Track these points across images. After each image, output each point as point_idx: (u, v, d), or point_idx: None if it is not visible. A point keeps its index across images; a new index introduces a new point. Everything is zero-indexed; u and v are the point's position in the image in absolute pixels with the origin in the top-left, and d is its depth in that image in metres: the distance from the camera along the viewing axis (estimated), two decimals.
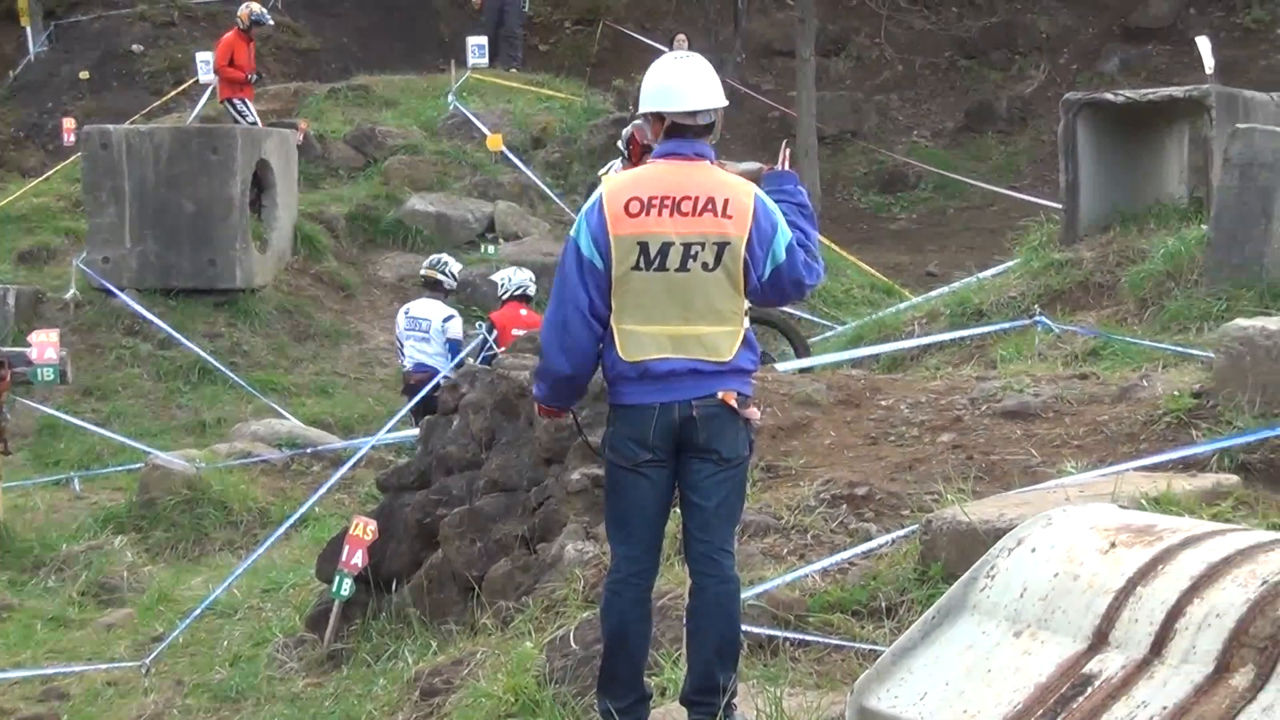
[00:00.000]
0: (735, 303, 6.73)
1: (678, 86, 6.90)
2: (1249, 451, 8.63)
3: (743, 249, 6.66)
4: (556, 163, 27.06)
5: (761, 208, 6.75)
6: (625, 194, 6.75)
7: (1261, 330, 9.12)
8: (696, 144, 6.88)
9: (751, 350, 6.86)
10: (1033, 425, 9.82)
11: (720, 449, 6.70)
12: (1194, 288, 13.41)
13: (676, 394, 6.65)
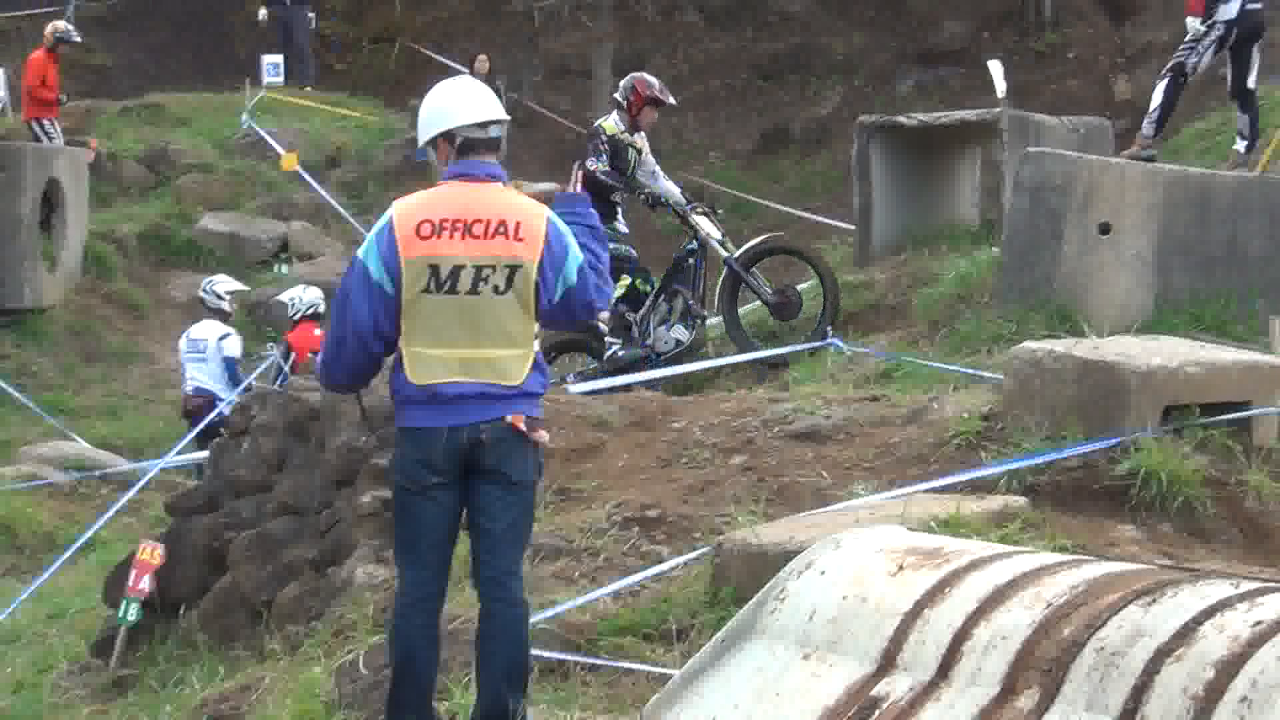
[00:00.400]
0: (526, 326, 6.76)
1: (463, 102, 6.92)
2: (1037, 473, 8.75)
3: (534, 272, 6.68)
4: (352, 183, 26.93)
5: (553, 231, 6.77)
6: (416, 216, 6.73)
7: (1050, 353, 9.26)
8: (487, 165, 6.89)
9: (541, 373, 6.88)
10: (824, 447, 9.88)
11: (509, 472, 6.71)
12: (985, 310, 13.59)
13: (465, 417, 6.65)
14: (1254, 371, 9.46)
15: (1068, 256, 13.21)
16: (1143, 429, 8.78)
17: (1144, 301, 12.98)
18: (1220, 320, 12.69)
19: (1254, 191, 13.11)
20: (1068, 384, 9.10)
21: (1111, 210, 13.17)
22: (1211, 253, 13.02)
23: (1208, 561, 8.02)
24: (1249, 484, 8.85)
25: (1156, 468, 8.53)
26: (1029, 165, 13.59)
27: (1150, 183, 13.22)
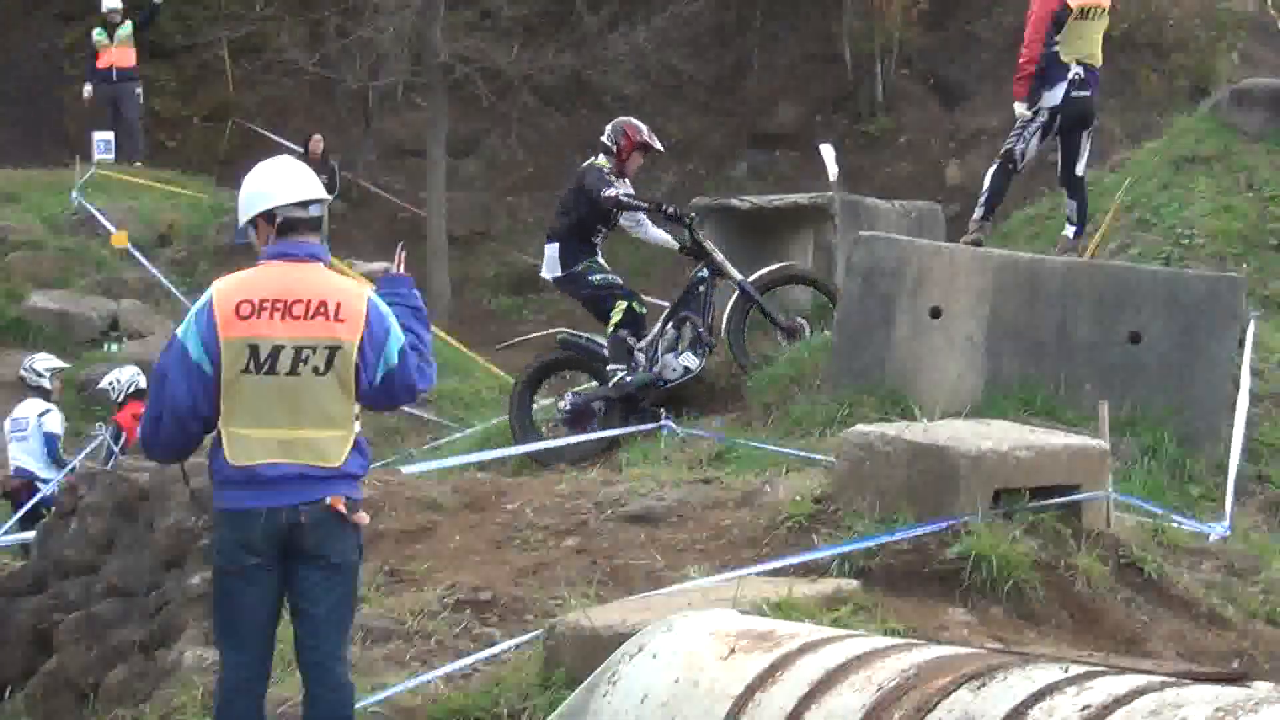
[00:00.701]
0: (346, 407, 6.76)
1: (283, 181, 6.94)
2: (868, 556, 8.80)
3: (354, 353, 6.70)
4: (183, 260, 26.65)
5: (374, 312, 6.80)
6: (236, 296, 6.72)
7: (881, 436, 9.34)
8: (308, 245, 6.91)
9: (362, 455, 6.87)
10: (657, 530, 9.88)
11: (329, 555, 6.69)
12: (817, 393, 13.67)
13: (284, 499, 6.61)
14: (1083, 456, 9.59)
15: (899, 340, 13.35)
16: (973, 513, 8.87)
17: (975, 385, 13.13)
18: (1050, 404, 12.85)
19: (1083, 277, 13.32)
20: (899, 467, 9.18)
21: (942, 294, 13.33)
22: (1041, 337, 13.20)
23: (1037, 645, 8.10)
24: (1078, 568, 8.96)
25: (987, 551, 8.62)
26: (861, 249, 13.74)
27: (980, 267, 13.40)
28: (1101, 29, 14.74)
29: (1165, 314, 13.06)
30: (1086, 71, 14.62)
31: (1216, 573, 10.13)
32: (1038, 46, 14.50)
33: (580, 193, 14.76)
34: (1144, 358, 13.01)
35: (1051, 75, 14.50)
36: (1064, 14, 14.41)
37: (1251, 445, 13.08)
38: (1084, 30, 14.55)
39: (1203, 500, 12.26)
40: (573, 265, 14.74)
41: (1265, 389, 13.84)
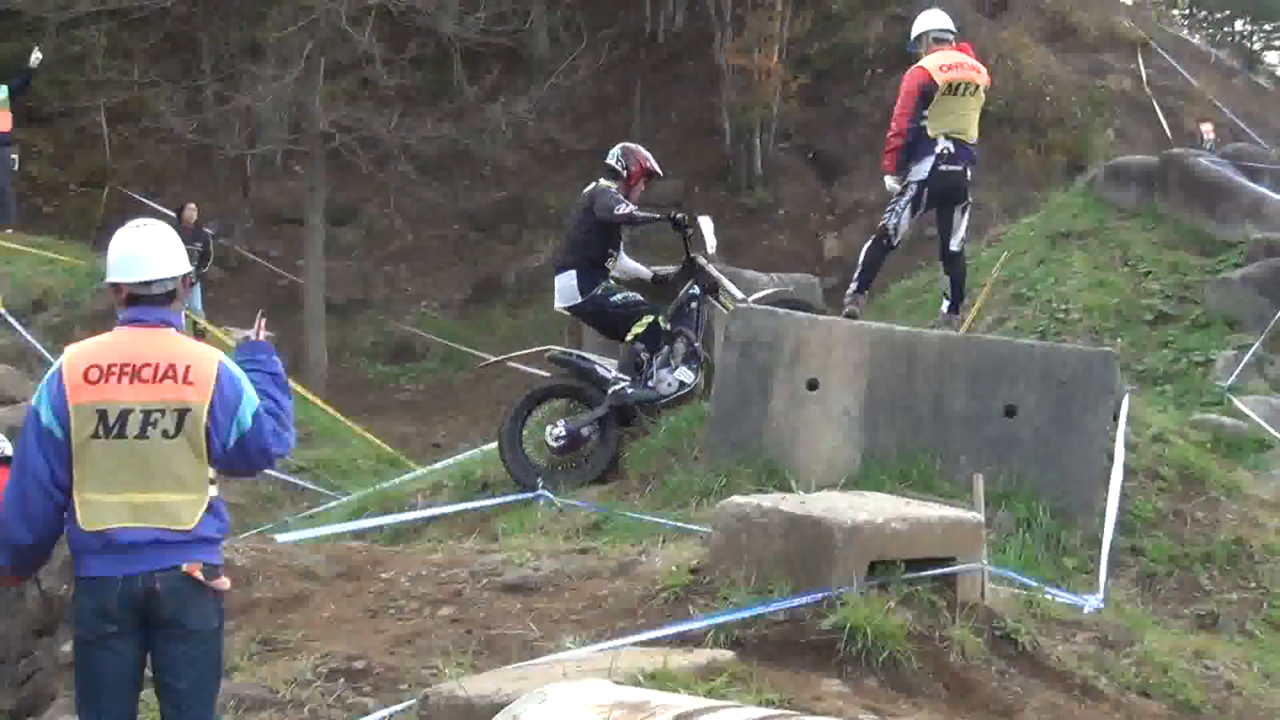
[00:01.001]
0: (198, 470, 6.72)
1: (133, 257, 6.94)
2: (744, 627, 8.80)
3: (204, 416, 6.69)
4: (58, 326, 26.29)
5: (225, 375, 6.80)
6: (85, 362, 6.73)
7: (757, 507, 9.35)
8: (159, 311, 6.89)
9: (218, 518, 6.82)
10: (532, 599, 9.86)
11: (187, 623, 6.64)
12: (694, 464, 13.69)
13: (140, 565, 6.57)
14: (958, 528, 9.65)
15: (776, 412, 13.39)
16: (849, 584, 8.89)
17: (851, 457, 13.18)
18: (926, 477, 12.92)
19: (959, 350, 13.42)
20: (775, 538, 9.18)
21: (820, 366, 13.40)
22: (918, 410, 13.28)
23: (912, 716, 8.13)
24: (953, 639, 9.00)
25: (862, 622, 8.64)
26: (738, 321, 13.79)
27: (857, 340, 13.48)
28: (974, 105, 14.79)
29: (1040, 388, 13.18)
30: (957, 147, 14.65)
31: (1090, 645, 10.21)
32: (904, 120, 14.66)
33: (590, 215, 14.84)
34: (1019, 431, 13.12)
35: (919, 149, 14.62)
36: (931, 89, 14.56)
37: (1125, 518, 13.22)
38: (953, 105, 14.66)
39: (1077, 572, 12.37)
40: (591, 290, 14.78)
41: (1139, 463, 14.00)
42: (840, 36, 40.20)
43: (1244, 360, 21.09)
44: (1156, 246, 24.36)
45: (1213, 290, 22.88)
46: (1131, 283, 23.26)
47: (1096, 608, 11.29)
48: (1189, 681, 10.14)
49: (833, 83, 39.23)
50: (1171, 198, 25.47)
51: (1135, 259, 24.03)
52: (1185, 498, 13.90)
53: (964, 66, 14.74)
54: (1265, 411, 19.61)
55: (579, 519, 13.06)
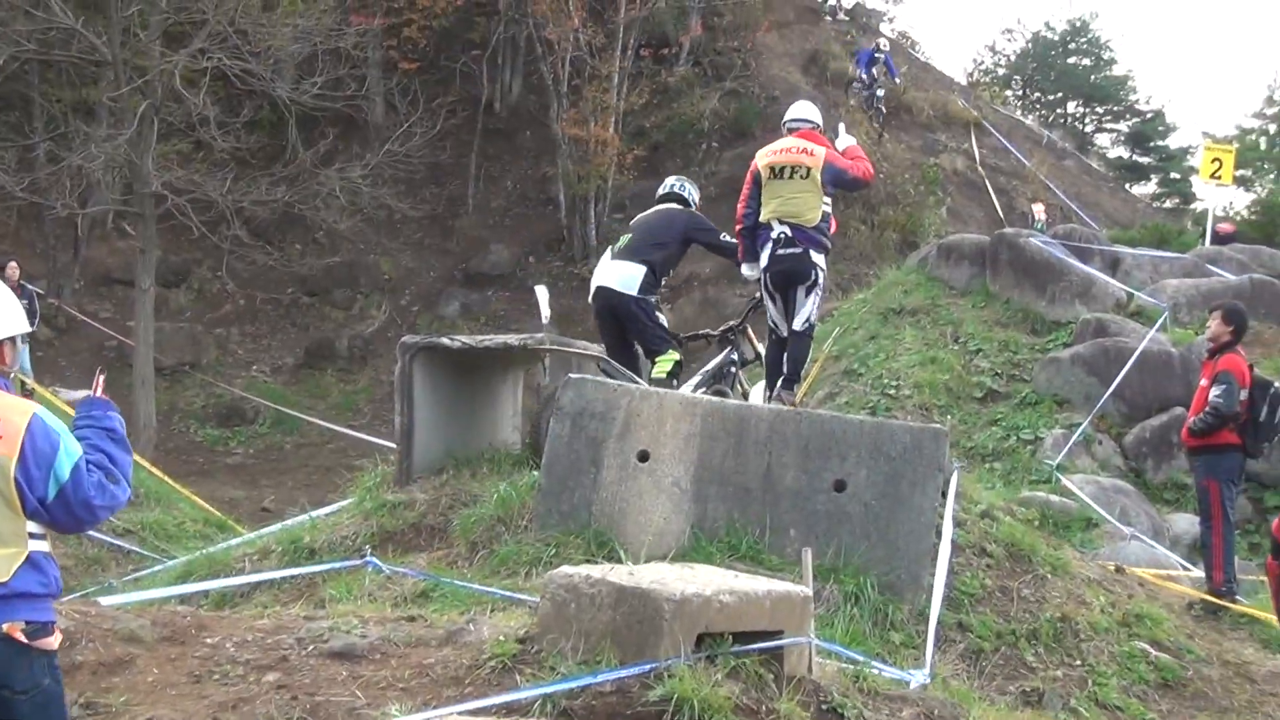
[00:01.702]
0: (14, 524, 6.66)
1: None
2: (571, 698, 8.79)
3: (12, 468, 6.63)
4: None
5: (39, 428, 6.75)
6: None
7: (586, 578, 9.35)
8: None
9: (40, 572, 6.75)
10: (359, 666, 9.79)
11: (12, 684, 6.58)
12: (524, 533, 13.69)
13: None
14: (786, 602, 9.71)
15: (606, 482, 13.42)
16: (676, 656, 8.91)
17: (681, 529, 13.24)
18: (755, 550, 13.00)
19: (789, 424, 13.53)
20: (603, 609, 9.19)
21: (650, 438, 13.46)
22: (747, 483, 13.36)
23: None
24: (780, 712, 9.04)
25: (689, 695, 8.65)
26: (570, 391, 13.82)
27: (688, 413, 13.55)
28: (807, 187, 15.04)
29: (870, 463, 13.32)
30: (794, 230, 14.97)
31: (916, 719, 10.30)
32: (742, 208, 15.29)
33: (675, 230, 15.64)
34: (848, 506, 13.24)
35: (760, 236, 15.13)
36: (758, 176, 15.16)
37: (952, 594, 13.37)
38: (780, 189, 15.05)
39: (904, 647, 12.48)
40: (647, 294, 15.44)
41: (966, 539, 14.18)
42: (675, 109, 40.55)
43: (1072, 439, 21.46)
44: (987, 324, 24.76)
45: (1042, 369, 23.29)
46: (962, 360, 23.60)
47: (923, 683, 11.39)
48: None
49: (668, 155, 39.52)
50: (1002, 277, 25.91)
51: (966, 336, 24.39)
52: (1012, 574, 14.09)
53: (792, 150, 15.15)
54: (1092, 490, 19.97)
55: (407, 586, 12.99)
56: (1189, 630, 14.72)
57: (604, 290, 15.71)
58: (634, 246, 15.70)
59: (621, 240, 15.84)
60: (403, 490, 15.90)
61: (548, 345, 15.92)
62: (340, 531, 15.40)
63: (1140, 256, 27.40)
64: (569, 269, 36.37)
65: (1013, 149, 44.52)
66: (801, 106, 16.15)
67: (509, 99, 42.09)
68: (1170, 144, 70.28)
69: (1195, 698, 13.50)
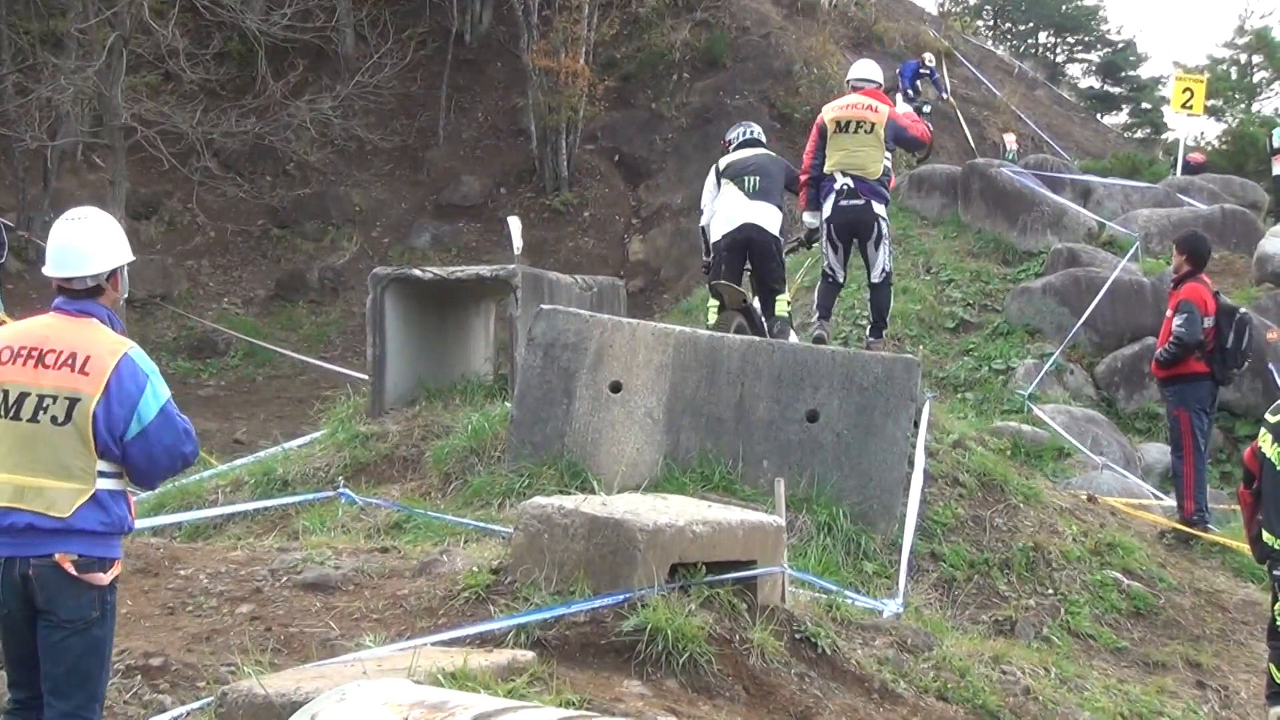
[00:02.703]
0: (86, 461, 6.76)
1: (64, 250, 7.09)
2: (545, 628, 8.79)
3: (92, 405, 6.72)
4: None
5: (127, 367, 6.84)
6: (2, 343, 6.94)
7: (559, 509, 9.34)
8: (82, 303, 7.04)
9: (104, 511, 6.84)
10: (333, 598, 9.79)
11: (59, 611, 6.74)
12: (497, 464, 13.69)
13: (17, 549, 6.71)
14: (759, 532, 9.71)
15: (579, 413, 13.41)
16: (650, 586, 8.91)
17: (654, 460, 13.24)
18: (728, 480, 13.02)
19: (762, 355, 13.52)
20: (577, 540, 9.18)
21: (623, 369, 13.45)
22: (720, 414, 13.36)
23: (712, 718, 8.17)
24: (753, 642, 9.06)
25: (662, 624, 8.66)
26: (542, 322, 13.79)
27: (661, 343, 13.53)
28: (871, 142, 15.53)
29: (842, 393, 13.32)
30: (857, 182, 15.51)
31: (889, 649, 10.32)
32: (808, 159, 15.77)
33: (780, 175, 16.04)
34: (821, 436, 13.25)
35: (824, 187, 15.62)
36: (824, 129, 15.63)
37: (925, 524, 13.40)
38: (845, 142, 15.54)
39: (877, 577, 12.51)
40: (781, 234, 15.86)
41: (939, 469, 14.21)
42: (646, 40, 40.37)
43: (1044, 369, 21.50)
44: (959, 255, 24.77)
45: (1013, 299, 23.31)
46: (934, 290, 23.61)
47: (896, 612, 11.43)
48: (987, 686, 10.29)
49: (639, 86, 39.37)
50: (974, 207, 25.92)
51: (938, 267, 24.40)
52: (984, 504, 14.12)
53: (858, 106, 15.68)
54: (1064, 420, 20.01)
55: (380, 518, 13.00)
56: (1161, 559, 14.78)
57: (753, 226, 15.81)
58: (765, 189, 15.94)
59: (749, 182, 15.93)
60: (375, 422, 15.90)
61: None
62: (313, 463, 15.40)
63: (1111, 186, 27.41)
64: (540, 200, 36.24)
65: (984, 79, 44.45)
66: (866, 66, 16.69)
67: (479, 30, 41.83)
68: (1141, 74, 70.25)
69: (1167, 626, 13.56)
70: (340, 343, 32.12)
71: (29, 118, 31.92)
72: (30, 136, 31.54)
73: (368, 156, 38.00)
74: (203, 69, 32.26)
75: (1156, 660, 12.99)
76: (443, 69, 39.32)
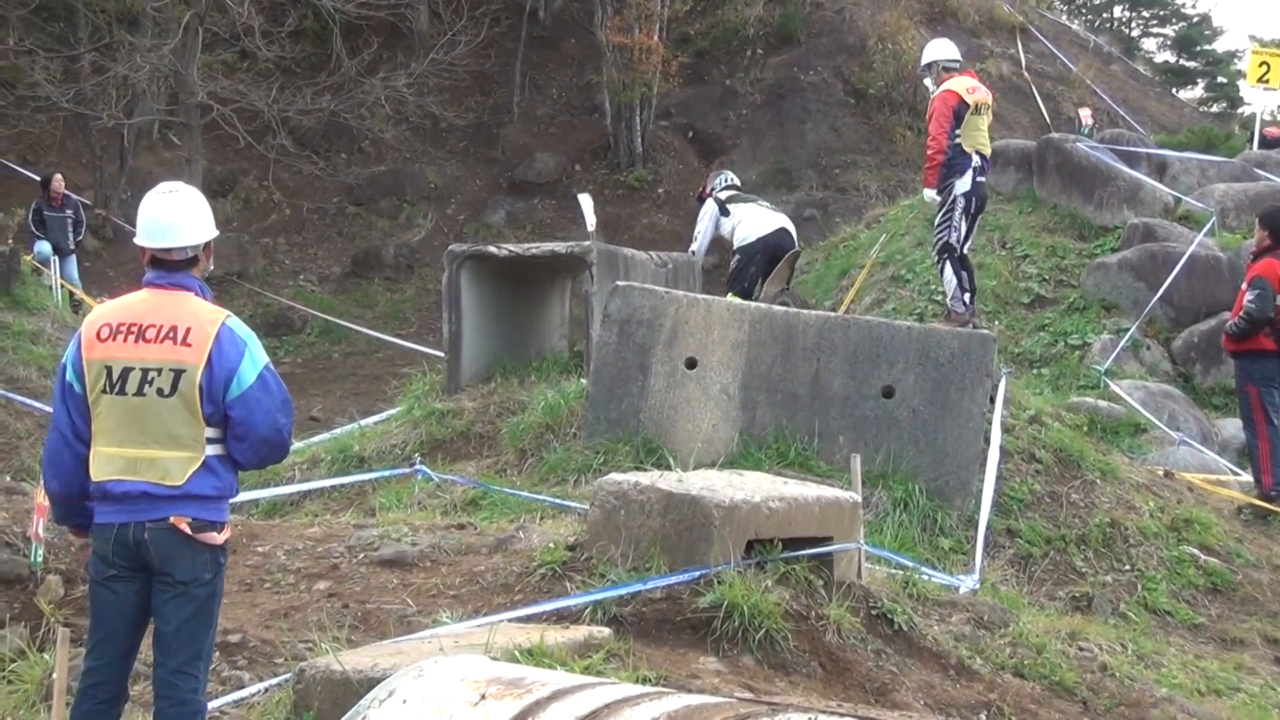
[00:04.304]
0: (194, 429, 6.87)
1: (159, 222, 7.14)
2: (621, 604, 8.79)
3: (198, 376, 6.82)
4: None
5: (227, 335, 6.97)
6: (100, 320, 7.00)
7: (635, 485, 9.33)
8: (176, 276, 7.11)
9: (215, 476, 6.94)
10: (409, 574, 9.81)
11: (173, 572, 6.83)
12: (572, 441, 13.69)
13: (131, 515, 6.82)
14: (835, 508, 9.68)
15: (655, 390, 13.40)
16: (726, 562, 8.90)
17: (729, 436, 13.22)
18: (804, 456, 12.99)
19: (837, 331, 13.47)
20: (653, 516, 9.17)
21: (699, 345, 13.42)
22: (795, 390, 13.33)
23: (788, 694, 8.14)
24: (829, 618, 9.04)
25: (738, 601, 8.65)
26: (617, 299, 13.77)
27: (736, 320, 13.50)
28: (989, 122, 16.01)
29: (918, 369, 13.27)
30: (982, 160, 15.85)
31: (965, 625, 10.28)
32: (944, 138, 15.64)
33: None
34: (897, 412, 13.20)
35: (959, 164, 15.65)
36: (963, 109, 15.62)
37: (1001, 500, 13.34)
38: (979, 124, 15.77)
39: (953, 553, 12.47)
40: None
41: (1015, 444, 14.13)
42: (720, 16, 40.28)
43: (1120, 344, 21.32)
44: (1034, 230, 24.56)
45: (1089, 274, 23.10)
46: (1009, 266, 23.43)
47: (972, 588, 11.39)
48: (1063, 663, 10.22)
49: (713, 62, 39.28)
50: (1049, 182, 25.68)
51: (1013, 242, 24.21)
52: (1061, 480, 14.04)
53: (980, 89, 16.04)
54: (1140, 395, 19.85)
55: (456, 494, 13.02)
56: (1238, 535, 14.66)
57: (787, 232, 17.99)
58: (776, 209, 18.01)
59: (762, 203, 18.30)
60: (451, 399, 15.91)
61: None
62: (389, 440, 15.43)
63: (1187, 161, 27.12)
64: (614, 177, 36.20)
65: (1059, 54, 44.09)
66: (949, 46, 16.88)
67: (553, 6, 41.82)
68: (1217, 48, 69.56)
69: (1245, 602, 13.45)
70: (415, 320, 32.19)
71: (106, 96, 32.11)
72: (107, 115, 31.73)
73: (442, 134, 38.05)
74: (278, 47, 32.38)
75: (1234, 636, 12.89)
76: (517, 46, 39.31)
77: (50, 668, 8.04)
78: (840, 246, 26.19)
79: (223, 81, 31.61)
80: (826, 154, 35.69)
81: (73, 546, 9.89)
